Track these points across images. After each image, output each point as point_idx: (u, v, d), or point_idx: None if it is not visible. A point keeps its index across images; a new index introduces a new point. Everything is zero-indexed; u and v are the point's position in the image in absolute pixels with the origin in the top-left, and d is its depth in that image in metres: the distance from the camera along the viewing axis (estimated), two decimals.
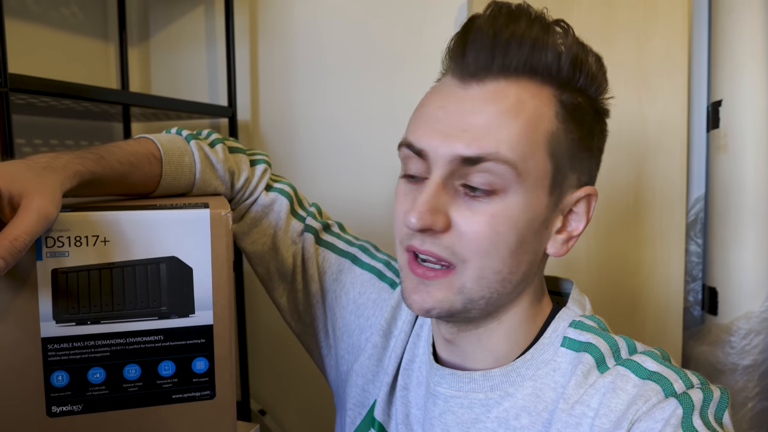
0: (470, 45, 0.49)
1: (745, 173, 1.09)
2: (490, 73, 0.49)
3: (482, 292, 0.50)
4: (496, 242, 0.48)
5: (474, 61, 0.49)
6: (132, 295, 0.52)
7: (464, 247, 0.49)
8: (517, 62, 0.48)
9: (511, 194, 0.48)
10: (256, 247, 0.70)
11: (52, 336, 0.51)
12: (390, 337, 0.65)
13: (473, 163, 0.47)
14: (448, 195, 0.49)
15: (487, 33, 0.48)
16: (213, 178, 0.64)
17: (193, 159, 0.63)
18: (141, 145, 0.60)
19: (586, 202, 0.53)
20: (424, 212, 0.48)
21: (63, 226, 0.50)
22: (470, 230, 0.48)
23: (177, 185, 0.62)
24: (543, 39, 0.48)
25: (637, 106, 1.14)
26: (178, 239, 0.53)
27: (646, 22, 1.12)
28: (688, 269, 1.22)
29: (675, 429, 0.44)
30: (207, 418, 0.56)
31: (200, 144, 0.64)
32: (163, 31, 1.33)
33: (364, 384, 0.66)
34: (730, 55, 1.11)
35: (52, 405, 0.52)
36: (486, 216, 0.48)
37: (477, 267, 0.49)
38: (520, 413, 0.52)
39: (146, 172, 0.59)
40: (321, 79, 1.22)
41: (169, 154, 0.61)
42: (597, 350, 0.51)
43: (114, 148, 0.57)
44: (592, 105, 0.52)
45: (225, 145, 0.68)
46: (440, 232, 0.49)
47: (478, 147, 0.47)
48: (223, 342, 0.55)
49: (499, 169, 0.47)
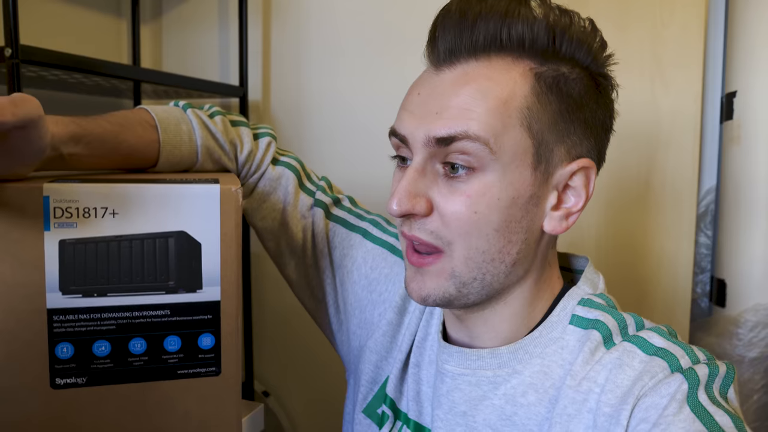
0: (440, 30, 0.50)
1: (758, 166, 1.08)
2: (460, 55, 0.49)
3: (472, 273, 0.50)
4: (476, 221, 0.48)
5: (443, 45, 0.49)
6: (139, 269, 0.52)
7: (447, 229, 0.49)
8: (483, 40, 0.48)
9: (489, 172, 0.48)
10: (266, 223, 0.69)
11: (57, 307, 0.51)
12: (405, 314, 0.65)
13: (447, 143, 0.48)
14: (429, 178, 0.50)
15: (454, 14, 0.49)
16: (216, 147, 0.64)
17: (192, 126, 0.62)
18: (132, 112, 0.61)
19: (583, 175, 0.51)
20: (403, 197, 0.49)
21: (72, 196, 0.50)
22: (449, 211, 0.49)
23: (180, 155, 0.62)
24: (511, 11, 0.48)
25: (650, 95, 1.12)
26: (188, 214, 0.52)
27: (663, 9, 1.11)
28: (697, 260, 1.22)
29: (680, 404, 0.44)
30: (212, 395, 0.56)
31: (197, 112, 0.64)
32: (176, 8, 1.32)
33: (377, 360, 0.66)
34: (747, 45, 1.09)
35: (56, 377, 0.52)
36: (464, 196, 0.48)
37: (462, 248, 0.49)
38: (527, 390, 0.52)
39: (140, 134, 0.59)
40: (334, 62, 1.21)
41: (164, 122, 0.61)
42: (605, 327, 0.51)
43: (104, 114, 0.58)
44: (584, 72, 0.50)
45: (226, 118, 0.67)
46: (423, 216, 0.50)
47: (449, 127, 0.48)
48: (230, 318, 0.55)
49: (472, 147, 0.47)
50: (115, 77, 0.94)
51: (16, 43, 0.74)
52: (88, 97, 1.23)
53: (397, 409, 0.63)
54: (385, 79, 1.15)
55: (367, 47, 1.18)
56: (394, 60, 1.14)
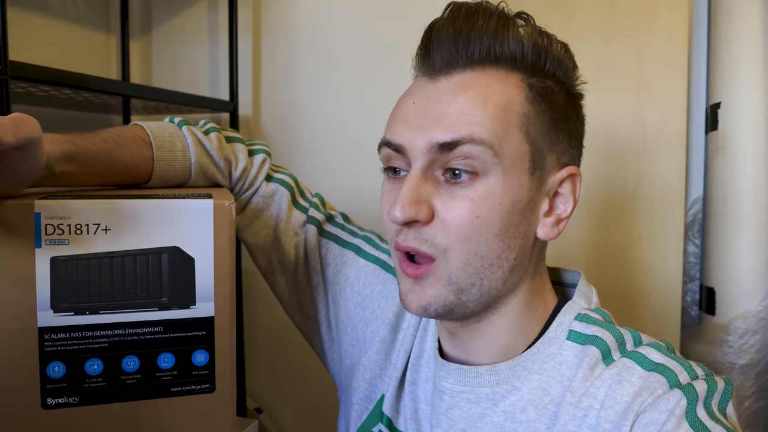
0: (434, 44, 0.51)
1: (743, 175, 1.10)
2: (457, 65, 0.50)
3: (470, 279, 0.50)
4: (477, 226, 0.49)
5: (439, 56, 0.51)
6: (132, 285, 0.52)
7: (446, 234, 0.49)
8: (480, 52, 0.50)
9: (492, 176, 0.49)
10: (258, 239, 0.69)
11: (49, 326, 0.50)
12: (398, 331, 0.65)
13: (450, 148, 0.48)
14: (430, 185, 0.50)
15: (448, 30, 0.50)
16: (210, 164, 0.64)
17: (186, 143, 0.62)
18: (128, 128, 0.60)
19: (570, 182, 0.53)
20: (406, 204, 0.48)
21: (63, 213, 0.49)
22: (450, 216, 0.49)
23: (173, 171, 0.61)
24: (503, 29, 0.50)
25: (636, 107, 1.14)
26: (181, 229, 0.52)
27: (647, 23, 1.13)
28: (686, 269, 1.23)
29: (679, 419, 0.44)
30: (206, 412, 0.55)
31: (192, 129, 0.64)
32: (165, 23, 1.32)
33: (371, 378, 0.65)
34: (729, 57, 1.11)
35: (48, 397, 0.51)
36: (466, 201, 0.49)
37: (460, 253, 0.49)
38: (526, 407, 0.52)
39: (134, 152, 0.58)
40: (324, 76, 1.21)
41: (159, 138, 0.60)
42: (603, 343, 0.51)
43: (98, 131, 0.58)
44: (563, 88, 0.53)
45: (221, 134, 0.67)
46: (424, 223, 0.49)
47: (453, 132, 0.48)
48: (224, 334, 0.55)
49: (477, 151, 0.48)
50: (104, 93, 0.94)
51: (5, 59, 0.74)
52: (78, 112, 1.22)
53: (395, 428, 0.62)
54: (375, 92, 1.16)
55: (357, 61, 1.18)
56: (384, 74, 1.15)
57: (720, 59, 1.13)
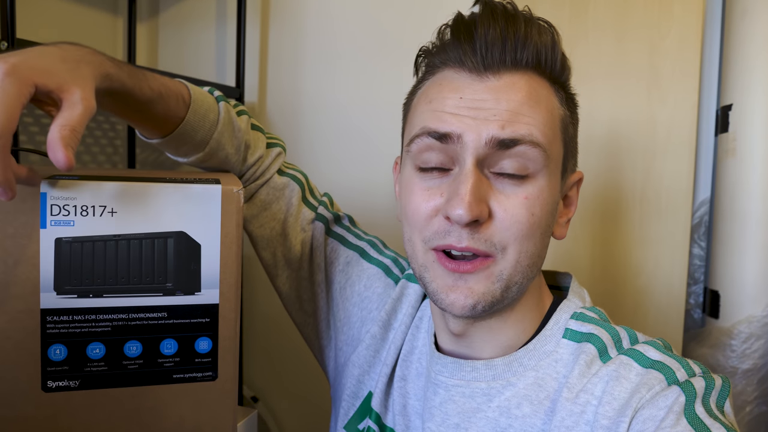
0: (481, 41, 0.50)
1: (752, 178, 1.09)
2: (504, 66, 0.50)
3: (516, 277, 0.50)
4: (532, 224, 0.49)
5: (488, 55, 0.50)
6: (137, 270, 0.51)
7: (504, 233, 0.49)
8: (527, 58, 0.50)
9: (540, 178, 0.50)
10: (264, 231, 0.68)
11: (51, 308, 0.49)
12: (389, 329, 0.65)
13: (508, 147, 0.48)
14: (485, 183, 0.49)
15: (495, 30, 0.50)
16: (228, 144, 0.61)
17: (218, 118, 0.60)
18: (174, 83, 0.57)
19: (576, 185, 0.57)
20: (472, 203, 0.47)
21: (69, 194, 0.48)
22: (508, 215, 0.48)
23: (192, 137, 0.58)
24: (544, 38, 0.51)
25: (647, 106, 1.13)
26: (188, 214, 0.51)
27: (660, 21, 1.11)
28: (691, 272, 1.22)
29: (678, 416, 0.44)
30: (208, 400, 0.54)
31: (228, 107, 0.62)
32: (173, 7, 1.31)
33: (359, 375, 0.65)
34: (743, 58, 1.10)
35: (48, 379, 0.50)
36: (521, 199, 0.49)
37: (515, 252, 0.49)
38: (521, 402, 0.52)
39: (171, 108, 0.55)
40: (331, 66, 1.20)
41: (197, 103, 0.58)
42: (599, 340, 0.52)
43: (148, 73, 0.54)
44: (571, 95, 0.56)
45: (250, 120, 0.67)
46: (483, 223, 0.48)
47: (513, 130, 0.48)
48: (228, 322, 0.54)
49: (533, 153, 0.48)
50: None
51: (12, 37, 0.73)
52: None
53: (383, 424, 0.62)
54: (381, 83, 1.15)
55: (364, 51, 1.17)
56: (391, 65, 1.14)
57: (733, 60, 1.12)
